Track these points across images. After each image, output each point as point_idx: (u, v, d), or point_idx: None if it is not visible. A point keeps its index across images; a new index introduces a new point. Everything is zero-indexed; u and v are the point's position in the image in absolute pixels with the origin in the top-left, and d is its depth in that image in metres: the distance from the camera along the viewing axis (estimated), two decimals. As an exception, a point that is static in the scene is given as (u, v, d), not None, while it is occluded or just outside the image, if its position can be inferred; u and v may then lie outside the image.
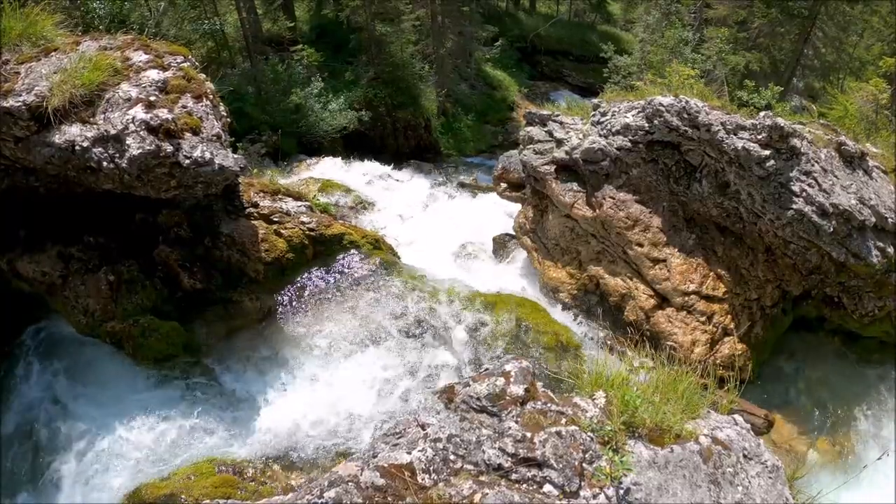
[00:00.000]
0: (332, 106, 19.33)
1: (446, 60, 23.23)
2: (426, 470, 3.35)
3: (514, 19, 34.67)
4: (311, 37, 24.45)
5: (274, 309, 9.63)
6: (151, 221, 9.06)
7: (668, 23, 21.21)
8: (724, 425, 4.12)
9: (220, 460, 7.50)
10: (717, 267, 9.81)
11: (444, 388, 3.91)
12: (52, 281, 8.47)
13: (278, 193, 10.63)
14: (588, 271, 10.75)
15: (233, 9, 19.46)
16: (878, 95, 13.00)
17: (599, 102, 10.74)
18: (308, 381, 8.85)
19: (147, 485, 7.15)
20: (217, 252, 9.34)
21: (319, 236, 10.36)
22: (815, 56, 22.13)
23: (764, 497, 3.83)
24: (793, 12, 20.51)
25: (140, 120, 7.19)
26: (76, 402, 8.39)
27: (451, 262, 12.73)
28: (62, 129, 7.19)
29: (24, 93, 7.19)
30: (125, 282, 8.63)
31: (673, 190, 9.90)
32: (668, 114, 9.21)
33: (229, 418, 8.25)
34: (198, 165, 7.36)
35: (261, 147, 17.39)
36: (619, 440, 3.62)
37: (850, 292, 9.72)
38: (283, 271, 9.95)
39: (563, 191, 10.52)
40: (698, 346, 9.48)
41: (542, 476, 3.37)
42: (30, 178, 8.10)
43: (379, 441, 3.73)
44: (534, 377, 3.96)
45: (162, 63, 8.05)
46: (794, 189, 8.55)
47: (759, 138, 8.54)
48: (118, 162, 7.14)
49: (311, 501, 3.12)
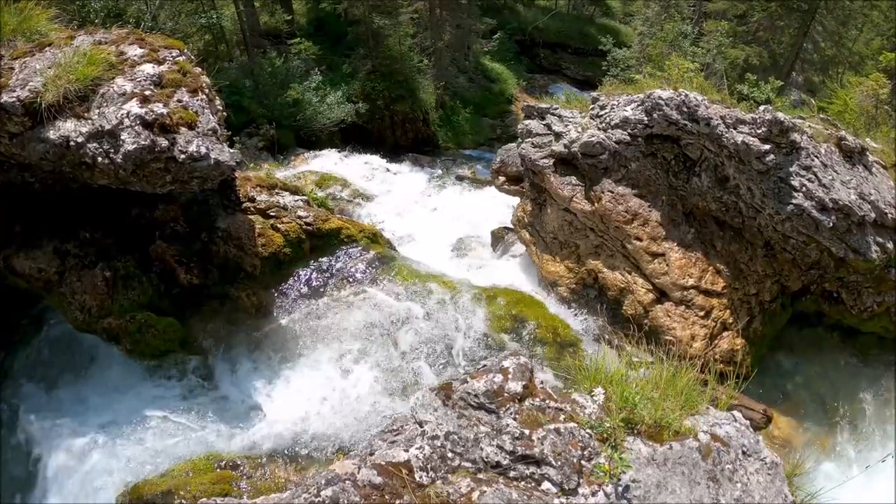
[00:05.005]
0: (330, 99, 19.25)
1: (444, 53, 23.13)
2: (423, 468, 3.33)
3: (513, 12, 34.54)
4: (309, 30, 24.35)
5: (271, 304, 9.60)
6: (148, 217, 9.02)
7: (668, 16, 21.15)
8: (722, 422, 4.09)
9: (217, 457, 7.49)
10: (716, 261, 9.79)
11: (441, 384, 3.88)
12: (49, 277, 8.43)
13: (275, 188, 10.59)
14: (587, 265, 10.72)
15: (230, 2, 19.36)
16: (877, 90, 12.95)
17: (598, 96, 10.67)
18: (305, 376, 8.83)
19: (145, 481, 7.13)
20: (214, 247, 9.30)
21: (317, 231, 10.32)
22: (814, 50, 22.10)
23: (763, 494, 3.81)
24: (792, 6, 20.47)
25: (135, 115, 7.12)
26: (73, 398, 8.37)
27: (449, 256, 12.71)
28: (57, 125, 7.13)
29: (18, 88, 7.13)
30: (121, 277, 8.60)
31: (672, 184, 9.87)
32: (668, 107, 9.16)
33: (227, 414, 8.23)
34: (193, 160, 7.30)
35: (258, 141, 17.35)
36: (617, 437, 3.59)
37: (849, 288, 9.71)
38: (281, 266, 9.92)
39: (562, 184, 10.48)
40: (697, 340, 9.47)
41: (540, 473, 3.35)
42: (25, 173, 8.05)
43: (376, 438, 3.71)
44: (532, 373, 3.93)
45: (157, 57, 7.98)
46: (794, 184, 8.52)
47: (758, 133, 8.50)
48: (113, 157, 7.08)
49: (308, 500, 3.10)
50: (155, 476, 7.23)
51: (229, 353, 8.93)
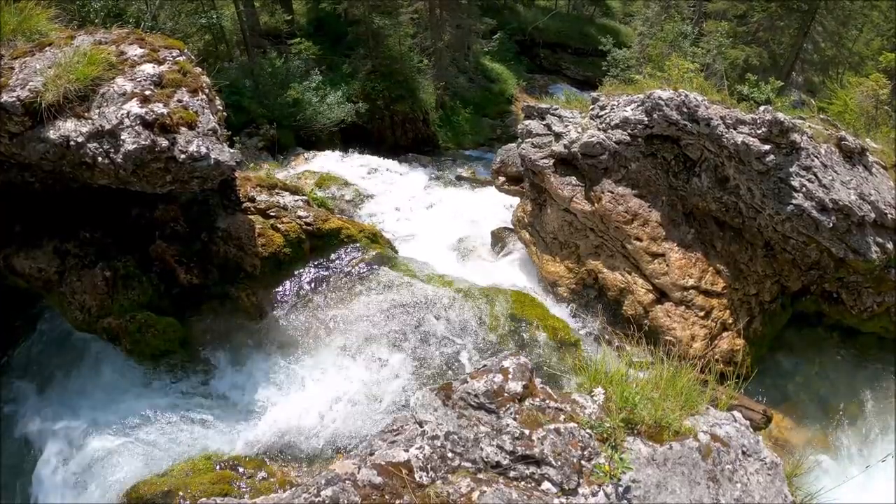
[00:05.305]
0: (330, 99, 19.24)
1: (444, 53, 23.11)
2: (423, 468, 3.33)
3: (513, 12, 34.52)
4: (309, 30, 24.33)
5: (271, 304, 9.60)
6: (148, 216, 9.02)
7: (668, 16, 21.15)
8: (722, 422, 4.09)
9: (217, 457, 7.48)
10: (716, 262, 9.79)
11: (441, 384, 3.88)
12: (49, 277, 8.43)
13: (275, 188, 10.58)
14: (586, 265, 10.73)
15: (230, 2, 19.35)
16: (878, 91, 12.95)
17: (598, 96, 10.67)
18: (305, 376, 8.82)
19: (144, 482, 7.13)
20: (214, 247, 9.30)
21: (317, 231, 10.31)
22: (814, 51, 22.10)
23: (763, 494, 3.81)
24: (792, 6, 20.47)
25: (135, 115, 7.13)
26: (73, 398, 8.36)
27: (449, 256, 12.69)
28: (57, 125, 7.14)
29: (18, 88, 7.13)
30: (121, 277, 8.59)
31: (672, 184, 9.87)
32: (668, 108, 9.17)
33: (226, 414, 8.23)
34: (193, 160, 7.31)
35: (258, 141, 17.33)
36: (617, 437, 3.59)
37: (849, 288, 9.71)
38: (280, 266, 9.91)
39: (562, 185, 10.48)
40: (697, 341, 9.47)
41: (540, 473, 3.35)
42: (25, 173, 8.05)
43: (376, 438, 3.71)
44: (532, 373, 3.93)
45: (157, 57, 7.98)
46: (794, 184, 8.52)
47: (758, 133, 8.51)
48: (113, 157, 7.09)
49: (308, 500, 3.10)
50: (155, 476, 7.23)
51: (229, 353, 8.93)
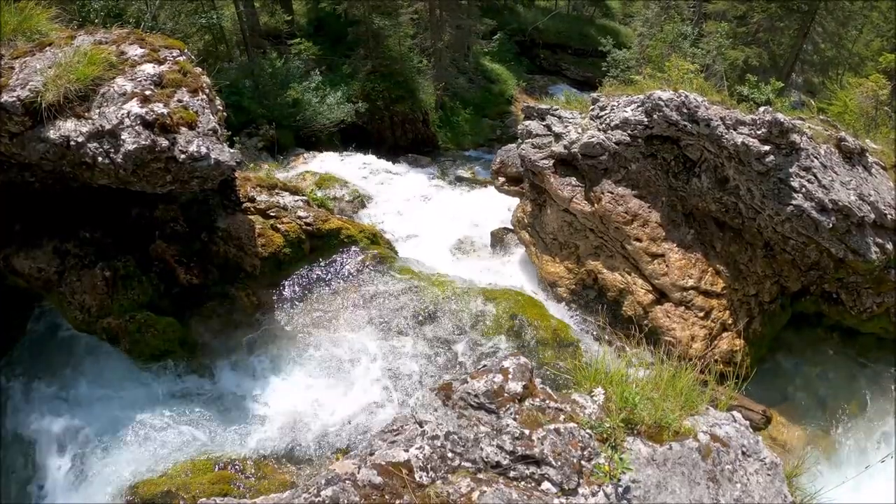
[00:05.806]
0: (330, 99, 19.25)
1: (444, 54, 23.13)
2: (423, 468, 3.33)
3: (513, 12, 34.53)
4: (309, 30, 24.35)
5: (270, 304, 9.60)
6: (148, 216, 9.02)
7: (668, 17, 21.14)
8: (722, 422, 4.09)
9: (217, 457, 7.48)
10: (716, 262, 9.80)
11: (441, 384, 3.87)
12: (48, 277, 8.42)
13: (275, 188, 10.59)
14: (586, 266, 10.73)
15: (230, 2, 19.35)
16: (877, 91, 12.95)
17: (598, 96, 10.68)
18: (305, 376, 8.83)
19: (144, 482, 7.13)
20: (213, 247, 9.30)
21: (316, 231, 10.32)
22: (814, 51, 22.11)
23: (762, 494, 3.81)
24: (792, 7, 20.48)
25: (135, 114, 7.12)
26: (73, 398, 8.35)
27: (449, 257, 12.70)
28: (57, 125, 7.13)
29: (18, 88, 7.12)
30: (121, 277, 8.59)
31: (672, 185, 9.87)
32: (668, 108, 9.17)
33: (226, 415, 8.22)
34: (193, 160, 7.30)
35: (258, 141, 17.34)
36: (617, 437, 3.59)
37: (849, 288, 9.71)
38: (280, 266, 9.92)
39: (562, 185, 10.49)
40: (696, 341, 9.47)
41: (540, 474, 3.34)
42: (25, 173, 8.04)
43: (376, 438, 3.70)
44: (532, 374, 3.93)
45: (157, 57, 7.98)
46: (794, 185, 8.52)
47: (758, 134, 8.51)
48: (113, 157, 7.08)
49: (308, 500, 3.10)
50: (155, 476, 7.23)
51: (229, 353, 8.93)
